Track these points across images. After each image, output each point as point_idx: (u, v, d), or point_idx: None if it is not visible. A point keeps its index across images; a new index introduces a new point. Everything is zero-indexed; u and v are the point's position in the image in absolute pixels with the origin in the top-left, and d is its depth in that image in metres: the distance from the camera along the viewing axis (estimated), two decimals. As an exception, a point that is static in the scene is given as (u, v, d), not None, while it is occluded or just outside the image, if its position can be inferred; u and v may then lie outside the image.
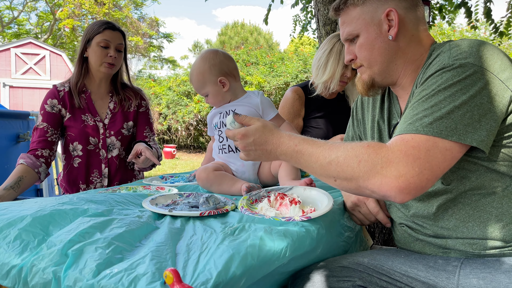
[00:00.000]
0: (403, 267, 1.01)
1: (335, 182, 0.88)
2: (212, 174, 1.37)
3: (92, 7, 17.73)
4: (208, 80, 1.50)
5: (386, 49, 1.04)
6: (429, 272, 0.97)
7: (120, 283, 0.62)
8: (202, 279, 0.64)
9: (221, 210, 1.04)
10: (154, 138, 2.05)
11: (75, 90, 1.89)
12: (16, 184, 1.62)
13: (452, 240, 0.98)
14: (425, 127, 0.83)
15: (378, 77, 1.08)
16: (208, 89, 1.52)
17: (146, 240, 0.82)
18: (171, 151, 10.19)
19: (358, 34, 1.05)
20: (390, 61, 1.05)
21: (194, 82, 1.54)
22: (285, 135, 0.97)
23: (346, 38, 1.09)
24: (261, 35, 25.67)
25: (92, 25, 1.89)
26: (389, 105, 1.16)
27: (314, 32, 5.14)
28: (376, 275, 0.99)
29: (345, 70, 2.07)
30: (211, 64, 1.50)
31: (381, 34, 1.03)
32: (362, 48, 1.06)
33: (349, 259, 1.02)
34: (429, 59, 0.99)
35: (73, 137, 1.88)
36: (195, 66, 1.53)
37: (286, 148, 0.95)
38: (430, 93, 0.88)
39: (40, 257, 0.72)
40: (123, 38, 1.93)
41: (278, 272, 0.88)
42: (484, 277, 0.89)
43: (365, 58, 1.06)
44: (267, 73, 10.90)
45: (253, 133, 0.99)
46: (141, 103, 2.04)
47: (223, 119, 1.52)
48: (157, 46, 23.44)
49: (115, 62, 1.89)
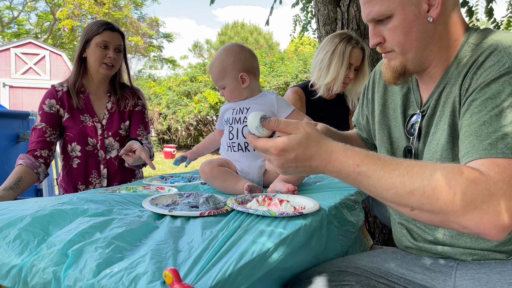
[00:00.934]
0: (400, 270, 1.01)
1: (411, 211, 0.74)
2: (217, 169, 1.37)
3: (92, 7, 17.72)
4: (229, 73, 1.48)
5: (424, 33, 0.91)
6: (426, 275, 0.98)
7: (121, 282, 0.62)
8: (201, 278, 0.64)
9: (221, 210, 1.03)
10: (148, 137, 2.04)
11: (73, 90, 1.89)
12: (15, 184, 1.62)
13: (452, 249, 0.97)
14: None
15: (411, 64, 0.95)
16: (227, 82, 1.49)
17: (146, 240, 0.82)
18: (171, 151, 10.18)
19: (392, 15, 0.90)
20: (425, 47, 0.93)
21: (214, 72, 1.51)
22: (338, 148, 0.78)
23: (374, 18, 0.93)
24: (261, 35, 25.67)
25: (91, 26, 1.89)
26: (407, 92, 1.05)
27: (315, 32, 5.14)
28: (374, 278, 0.98)
29: (348, 71, 2.07)
30: (236, 58, 1.49)
31: (420, 15, 0.89)
32: (396, 31, 0.91)
33: (346, 262, 1.02)
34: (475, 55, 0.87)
35: (72, 138, 1.88)
36: (219, 57, 1.51)
37: (342, 167, 0.76)
38: (501, 104, 0.77)
39: (40, 257, 0.72)
40: (122, 39, 1.93)
41: (278, 269, 0.89)
42: (479, 278, 0.90)
43: (398, 43, 0.92)
44: (267, 73, 10.90)
45: (294, 147, 0.77)
46: (137, 103, 2.03)
47: (235, 115, 1.50)
48: (157, 46, 23.44)
49: (114, 63, 1.89)
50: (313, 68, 2.19)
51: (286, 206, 1.02)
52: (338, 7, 2.74)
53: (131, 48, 19.88)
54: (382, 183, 0.74)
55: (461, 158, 0.80)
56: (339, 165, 0.76)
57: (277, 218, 0.96)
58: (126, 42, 1.99)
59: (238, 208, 1.00)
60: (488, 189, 0.69)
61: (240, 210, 0.99)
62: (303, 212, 0.98)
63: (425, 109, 0.99)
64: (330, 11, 2.82)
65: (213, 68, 1.52)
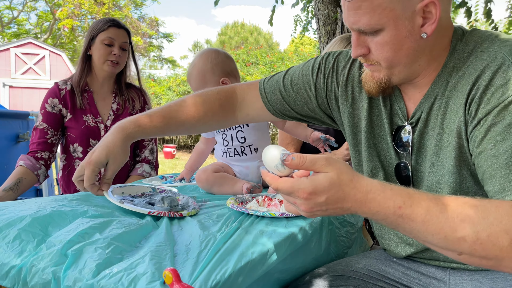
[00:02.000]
0: (396, 274, 1.00)
1: (458, 256, 0.67)
2: (212, 175, 1.37)
3: (92, 7, 17.72)
4: (209, 80, 1.44)
5: (415, 49, 0.82)
6: (421, 280, 0.98)
7: (120, 283, 0.62)
8: (201, 279, 0.64)
9: (173, 213, 0.96)
10: (153, 147, 2.02)
11: (77, 89, 1.85)
12: (15, 185, 1.62)
13: (445, 263, 0.95)
14: None
15: (396, 78, 0.87)
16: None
17: (146, 241, 0.82)
18: (171, 151, 10.19)
19: (382, 29, 0.80)
20: (414, 62, 0.84)
21: (194, 82, 1.47)
22: (375, 187, 0.68)
23: (360, 30, 0.82)
24: (261, 35, 25.67)
25: (97, 23, 1.86)
26: (390, 101, 0.96)
27: (315, 32, 5.14)
28: (371, 281, 0.98)
29: None
30: (213, 64, 1.45)
31: (413, 31, 0.79)
32: (385, 47, 0.81)
33: (343, 266, 1.01)
34: (476, 68, 0.79)
35: (74, 139, 1.85)
36: (196, 65, 1.47)
37: (380, 208, 0.67)
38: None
39: (39, 257, 0.72)
40: (128, 37, 1.90)
41: (278, 270, 0.88)
42: (473, 285, 0.90)
43: (386, 58, 0.83)
44: (267, 73, 10.90)
45: (326, 189, 0.66)
46: (144, 108, 1.99)
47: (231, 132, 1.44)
48: (157, 46, 23.44)
49: (119, 60, 1.85)
50: None
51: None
52: (338, 7, 2.74)
53: (131, 48, 19.88)
54: (428, 228, 0.66)
55: (495, 195, 0.72)
56: (376, 207, 0.67)
57: (277, 219, 0.96)
58: (132, 40, 1.95)
59: (238, 208, 1.00)
60: None
61: (240, 210, 0.99)
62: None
63: (413, 121, 0.91)
64: (330, 11, 2.82)
65: (192, 77, 1.46)
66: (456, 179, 0.84)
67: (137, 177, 1.89)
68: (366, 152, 0.98)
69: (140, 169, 1.93)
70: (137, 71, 2.02)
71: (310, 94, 1.06)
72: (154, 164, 2.01)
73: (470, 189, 0.85)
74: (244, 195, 1.18)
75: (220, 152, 1.51)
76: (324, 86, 1.05)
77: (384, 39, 0.81)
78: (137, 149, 2.00)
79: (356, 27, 0.82)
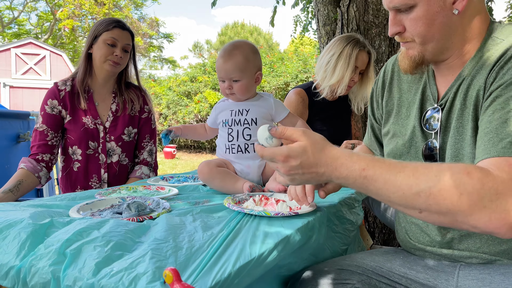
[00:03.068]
0: (402, 269, 1.00)
1: (419, 214, 0.74)
2: (215, 169, 1.36)
3: (92, 7, 17.73)
4: (250, 68, 1.43)
5: (447, 25, 0.88)
6: (428, 274, 0.97)
7: (121, 282, 0.62)
8: (201, 278, 0.64)
9: (142, 217, 0.96)
10: (151, 148, 2.00)
11: (81, 88, 1.83)
12: (15, 187, 1.62)
13: (459, 252, 0.96)
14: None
15: (430, 54, 0.93)
16: (245, 76, 1.43)
17: (146, 237, 0.81)
18: (171, 151, 10.19)
19: (415, 4, 0.87)
20: (447, 39, 0.90)
21: (235, 62, 1.41)
22: (343, 154, 0.78)
23: (396, 7, 0.90)
24: (261, 35, 25.68)
25: (101, 22, 1.84)
26: (424, 86, 1.02)
27: (315, 32, 5.14)
28: (375, 277, 0.98)
29: (353, 74, 2.06)
30: (256, 56, 1.46)
31: (444, 7, 0.86)
32: (418, 22, 0.88)
33: (348, 261, 1.02)
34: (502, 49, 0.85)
35: (73, 141, 1.84)
36: (242, 50, 1.43)
37: (348, 172, 0.77)
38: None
39: (38, 257, 0.72)
40: (131, 39, 1.88)
41: (277, 267, 0.89)
42: (483, 278, 0.89)
43: (419, 33, 0.90)
44: (267, 73, 10.90)
45: (299, 154, 0.78)
46: (143, 108, 1.97)
47: (235, 117, 1.46)
48: (157, 46, 23.45)
49: (120, 61, 1.83)
50: (317, 69, 2.18)
51: (282, 206, 1.02)
52: (338, 8, 2.74)
53: (131, 48, 19.86)
54: (388, 186, 0.74)
55: (477, 154, 0.79)
56: (345, 170, 0.77)
57: (276, 218, 0.96)
58: (135, 42, 1.93)
59: (234, 208, 1.00)
60: (495, 188, 0.69)
61: (236, 210, 0.99)
62: (299, 212, 0.98)
63: (443, 102, 0.96)
64: (330, 11, 2.83)
65: (234, 58, 1.42)
66: (473, 149, 0.88)
67: (136, 179, 1.89)
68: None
69: (139, 171, 1.92)
70: (136, 73, 1.99)
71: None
72: (153, 166, 2.01)
73: None
74: (242, 194, 1.18)
75: (223, 148, 1.49)
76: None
77: (417, 14, 0.87)
78: (136, 150, 1.99)
79: (392, 5, 0.90)
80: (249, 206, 1.05)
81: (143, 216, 0.97)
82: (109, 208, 1.06)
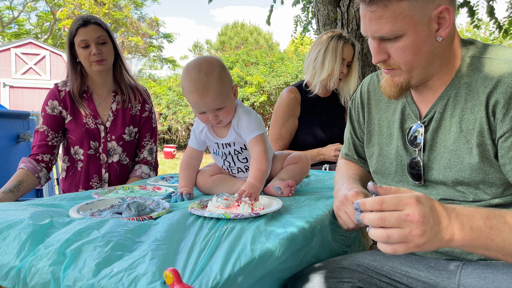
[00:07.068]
0: (403, 268, 1.00)
1: None
2: (209, 179, 1.36)
3: (92, 7, 17.74)
4: (227, 89, 1.24)
5: (432, 52, 0.91)
6: (430, 272, 0.97)
7: (121, 283, 0.62)
8: (201, 279, 0.64)
9: (142, 217, 0.96)
10: (152, 147, 1.99)
11: (76, 96, 1.82)
12: (15, 188, 1.62)
13: (461, 250, 0.96)
14: None
15: (415, 80, 0.95)
16: (226, 100, 1.23)
17: (146, 237, 0.81)
18: (171, 151, 10.19)
19: (403, 34, 0.88)
20: (431, 64, 0.93)
21: (212, 94, 1.19)
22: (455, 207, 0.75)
23: (383, 37, 0.90)
24: (261, 35, 25.68)
25: (70, 29, 1.81)
26: (403, 106, 1.05)
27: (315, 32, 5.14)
28: (376, 276, 0.98)
29: (342, 67, 2.13)
30: (226, 71, 1.25)
31: (430, 35, 0.89)
32: (405, 50, 0.89)
33: (349, 260, 1.02)
34: (492, 70, 0.89)
35: (74, 141, 1.84)
36: (213, 73, 1.20)
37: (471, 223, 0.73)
38: None
39: (38, 257, 0.72)
40: (102, 29, 1.80)
41: (278, 269, 0.88)
42: (485, 277, 0.89)
43: (406, 62, 0.91)
44: (267, 73, 10.90)
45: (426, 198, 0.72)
46: (144, 107, 1.96)
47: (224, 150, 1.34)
48: (157, 46, 23.45)
49: (101, 57, 1.78)
50: (306, 68, 2.25)
51: (244, 207, 0.99)
52: (338, 7, 2.74)
53: (131, 48, 19.89)
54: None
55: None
56: (468, 220, 0.73)
57: (278, 219, 0.96)
58: (110, 30, 1.85)
59: (196, 212, 0.98)
60: None
61: (196, 214, 0.97)
62: (260, 213, 0.96)
63: (426, 120, 0.99)
64: (330, 11, 2.83)
65: (210, 87, 1.19)
66: (479, 174, 0.91)
67: (136, 179, 1.88)
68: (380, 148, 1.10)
69: (139, 171, 1.92)
70: (123, 64, 1.92)
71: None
72: (153, 165, 2.00)
73: (493, 184, 0.91)
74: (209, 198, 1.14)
75: (221, 166, 1.44)
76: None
77: (405, 43, 0.89)
78: (137, 149, 1.99)
79: (379, 35, 0.90)
80: (210, 209, 1.02)
81: (143, 216, 0.98)
82: (109, 208, 1.06)
